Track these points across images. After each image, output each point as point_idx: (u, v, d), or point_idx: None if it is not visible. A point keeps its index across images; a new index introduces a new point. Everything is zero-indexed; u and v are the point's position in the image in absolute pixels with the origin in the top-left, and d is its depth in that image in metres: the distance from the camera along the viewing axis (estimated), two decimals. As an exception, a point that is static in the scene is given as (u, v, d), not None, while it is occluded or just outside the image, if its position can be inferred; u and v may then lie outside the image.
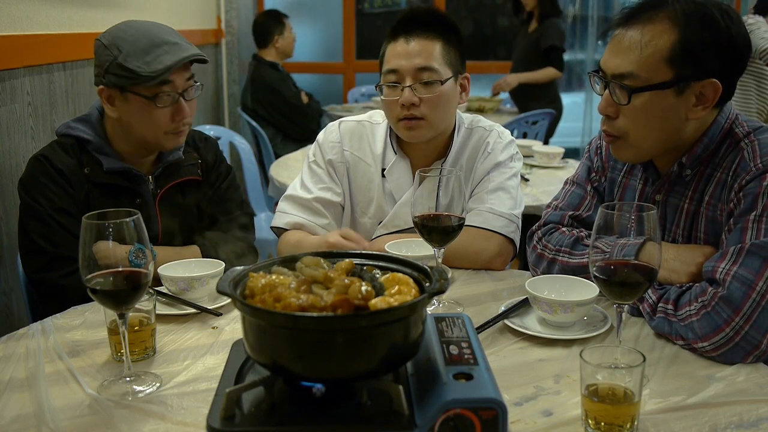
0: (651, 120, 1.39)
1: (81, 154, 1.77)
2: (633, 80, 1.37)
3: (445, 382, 0.93)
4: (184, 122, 1.76)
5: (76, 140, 1.77)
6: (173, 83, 1.71)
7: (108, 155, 1.78)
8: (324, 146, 1.94)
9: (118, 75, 1.67)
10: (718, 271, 1.29)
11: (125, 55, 1.66)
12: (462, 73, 1.87)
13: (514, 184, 1.88)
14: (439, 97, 1.79)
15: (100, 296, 1.14)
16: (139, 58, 1.66)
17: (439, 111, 1.81)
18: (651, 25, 1.36)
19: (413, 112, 1.79)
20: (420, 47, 1.78)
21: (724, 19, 1.34)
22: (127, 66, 1.65)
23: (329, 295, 0.92)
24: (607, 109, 1.43)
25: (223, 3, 5.19)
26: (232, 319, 1.47)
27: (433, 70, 1.78)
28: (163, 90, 1.69)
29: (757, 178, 1.33)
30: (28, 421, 1.09)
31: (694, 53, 1.34)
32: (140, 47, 1.66)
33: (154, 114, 1.71)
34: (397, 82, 1.80)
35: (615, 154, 1.50)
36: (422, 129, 1.81)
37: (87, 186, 1.75)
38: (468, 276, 1.73)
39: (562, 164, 3.24)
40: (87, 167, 1.76)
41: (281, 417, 0.92)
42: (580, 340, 1.34)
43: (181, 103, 1.74)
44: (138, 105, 1.70)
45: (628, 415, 1.02)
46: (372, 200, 1.92)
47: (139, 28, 1.70)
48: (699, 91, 1.36)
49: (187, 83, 1.75)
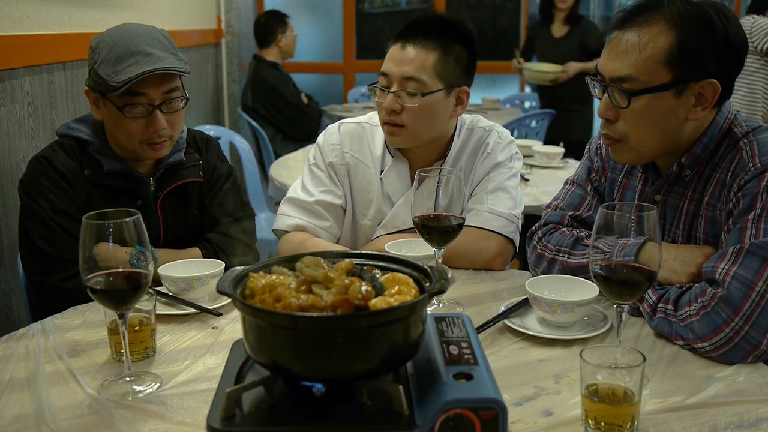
0: (651, 122, 1.39)
1: (81, 155, 1.76)
2: (632, 83, 1.37)
3: (445, 382, 0.93)
4: (159, 134, 1.70)
5: (77, 141, 1.77)
6: (147, 95, 1.66)
7: (108, 156, 1.77)
8: (324, 149, 1.94)
9: (95, 80, 1.68)
10: (717, 272, 1.29)
11: (100, 61, 1.65)
12: (460, 86, 1.83)
13: (514, 184, 1.88)
14: (420, 108, 1.77)
15: (100, 296, 1.14)
16: (109, 67, 1.64)
17: (420, 122, 1.79)
18: (647, 27, 1.36)
19: (393, 118, 1.79)
20: (414, 55, 1.77)
21: (721, 19, 1.34)
22: (99, 73, 1.65)
23: (329, 295, 0.92)
24: (607, 112, 1.43)
25: (223, 3, 5.19)
26: (232, 319, 1.47)
27: (419, 81, 1.76)
28: (133, 101, 1.65)
29: (756, 178, 1.33)
30: (28, 421, 1.09)
31: (692, 54, 1.34)
32: (114, 55, 1.64)
33: (125, 122, 1.68)
34: (387, 86, 1.80)
35: (615, 157, 1.50)
36: (401, 136, 1.81)
37: (87, 187, 1.75)
38: (468, 276, 1.73)
39: (562, 164, 3.24)
40: (87, 168, 1.75)
41: (281, 417, 0.92)
42: (580, 340, 1.34)
43: (156, 116, 1.68)
44: (112, 112, 1.69)
45: (628, 415, 1.02)
46: (371, 202, 1.92)
47: (123, 35, 1.67)
48: (698, 92, 1.36)
49: (165, 96, 1.69)
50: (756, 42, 3.99)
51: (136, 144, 1.72)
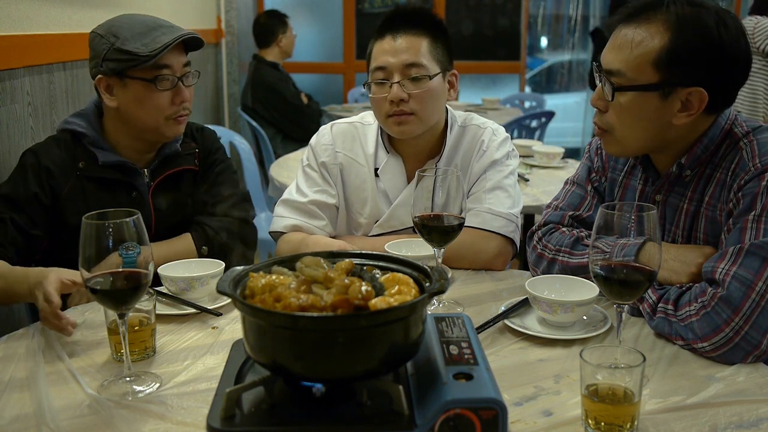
0: (634, 119, 1.40)
1: (75, 148, 1.78)
2: (619, 78, 1.39)
3: (445, 382, 0.93)
4: (183, 106, 1.78)
5: (72, 134, 1.78)
6: (171, 67, 1.73)
7: (103, 149, 1.78)
8: (316, 149, 1.95)
9: (117, 60, 1.69)
10: (717, 272, 1.29)
11: (123, 39, 1.68)
12: (450, 69, 1.88)
13: (512, 183, 1.88)
14: (427, 92, 1.80)
15: (100, 296, 1.14)
16: (137, 41, 1.68)
17: (428, 106, 1.82)
18: (646, 25, 1.37)
19: (402, 107, 1.80)
20: (407, 44, 1.80)
21: (719, 28, 1.33)
22: (126, 48, 1.67)
23: (329, 295, 0.92)
24: (597, 102, 1.46)
25: (223, 3, 5.19)
26: (232, 319, 1.47)
27: (421, 66, 1.79)
28: (162, 73, 1.72)
29: (756, 178, 1.33)
30: (28, 421, 1.09)
31: (681, 60, 1.34)
32: (137, 31, 1.70)
33: (155, 97, 1.73)
34: (385, 79, 1.81)
35: (604, 147, 1.52)
36: (411, 124, 1.82)
37: (80, 181, 1.76)
38: (468, 276, 1.73)
39: (562, 164, 3.24)
40: (82, 161, 1.77)
41: (281, 417, 0.92)
42: (580, 340, 1.34)
43: (180, 87, 1.76)
44: (138, 89, 1.72)
45: (628, 415, 1.02)
46: (366, 200, 1.93)
47: (133, 18, 1.74)
48: (685, 98, 1.36)
49: (184, 69, 1.78)
50: (758, 43, 3.98)
51: (162, 120, 1.76)
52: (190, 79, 1.80)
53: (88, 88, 2.71)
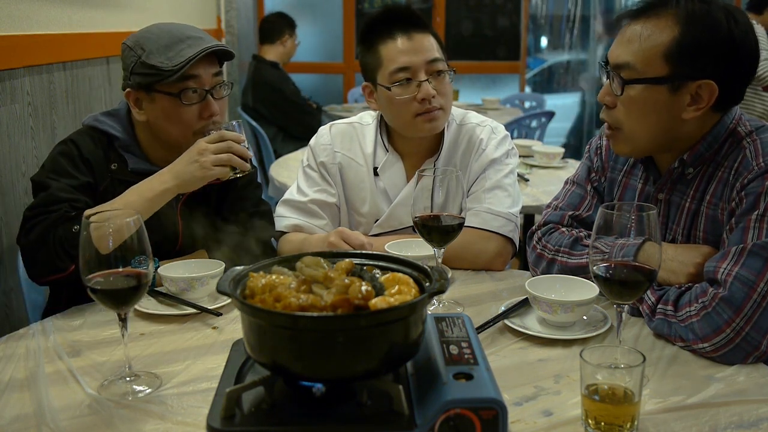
0: (643, 113, 1.40)
1: (108, 149, 1.73)
2: (629, 71, 1.39)
3: (445, 382, 0.93)
4: (213, 120, 1.70)
5: (104, 135, 1.73)
6: (199, 78, 1.66)
7: (135, 155, 1.74)
8: (316, 150, 1.96)
9: (143, 74, 1.64)
10: (719, 272, 1.29)
11: (148, 53, 1.63)
12: None
13: (511, 182, 1.88)
14: (449, 85, 1.85)
15: (100, 296, 1.14)
16: (162, 54, 1.63)
17: (449, 100, 1.86)
18: (656, 20, 1.37)
19: (433, 104, 1.80)
20: (423, 41, 1.81)
21: (729, 23, 1.34)
22: (150, 63, 1.62)
23: (329, 295, 0.92)
24: (605, 98, 1.45)
25: (223, 3, 5.19)
26: (232, 319, 1.47)
27: (441, 61, 1.83)
28: (188, 85, 1.65)
29: (760, 177, 1.33)
30: (28, 421, 1.09)
31: (691, 52, 1.34)
32: (162, 44, 1.64)
33: (181, 112, 1.66)
34: (410, 78, 1.80)
35: (613, 148, 1.51)
36: (441, 119, 1.85)
37: (113, 182, 1.70)
38: (468, 276, 1.73)
39: (562, 164, 3.24)
40: (114, 163, 1.72)
41: (281, 417, 0.92)
42: (580, 340, 1.34)
43: (209, 100, 1.68)
44: (164, 104, 1.66)
45: (628, 415, 1.02)
46: (365, 200, 1.93)
47: (162, 28, 1.68)
48: (695, 91, 1.36)
49: (214, 79, 1.70)
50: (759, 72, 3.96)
51: (190, 135, 1.68)
52: (221, 91, 1.72)
53: (87, 89, 2.71)
